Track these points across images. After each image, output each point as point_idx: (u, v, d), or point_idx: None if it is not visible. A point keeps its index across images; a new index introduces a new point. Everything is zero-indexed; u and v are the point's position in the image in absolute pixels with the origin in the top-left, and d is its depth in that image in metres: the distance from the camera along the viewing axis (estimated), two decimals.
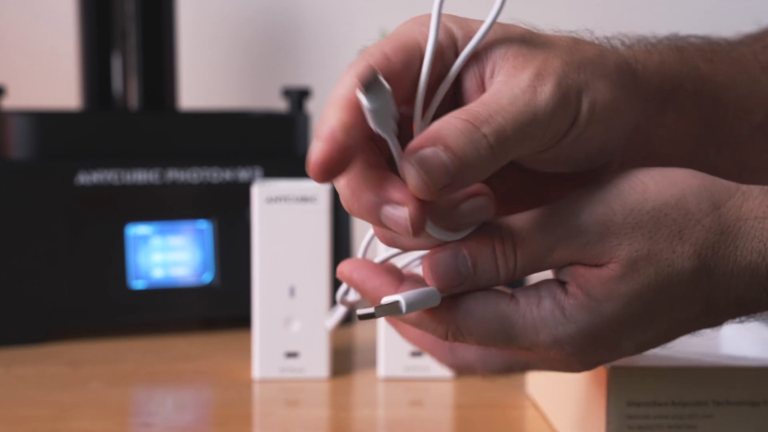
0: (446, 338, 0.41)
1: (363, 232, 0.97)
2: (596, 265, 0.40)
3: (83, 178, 0.79)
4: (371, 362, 0.73)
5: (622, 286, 0.39)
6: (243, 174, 0.83)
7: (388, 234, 0.41)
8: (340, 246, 0.85)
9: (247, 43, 1.13)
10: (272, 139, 0.86)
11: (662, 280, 0.39)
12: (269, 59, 1.13)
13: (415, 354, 0.69)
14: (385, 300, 0.39)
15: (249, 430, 0.61)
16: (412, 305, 0.39)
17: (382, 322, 0.69)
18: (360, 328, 0.86)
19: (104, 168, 0.80)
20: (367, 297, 0.42)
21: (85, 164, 0.79)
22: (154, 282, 0.82)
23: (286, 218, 0.68)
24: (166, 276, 0.82)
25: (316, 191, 0.68)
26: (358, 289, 0.42)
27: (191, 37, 1.07)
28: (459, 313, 0.40)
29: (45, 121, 0.81)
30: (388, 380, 0.69)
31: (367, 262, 0.43)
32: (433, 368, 0.69)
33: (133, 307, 0.81)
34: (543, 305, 0.40)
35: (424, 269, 0.40)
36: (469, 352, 0.45)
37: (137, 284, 0.81)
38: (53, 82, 1.08)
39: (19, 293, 0.78)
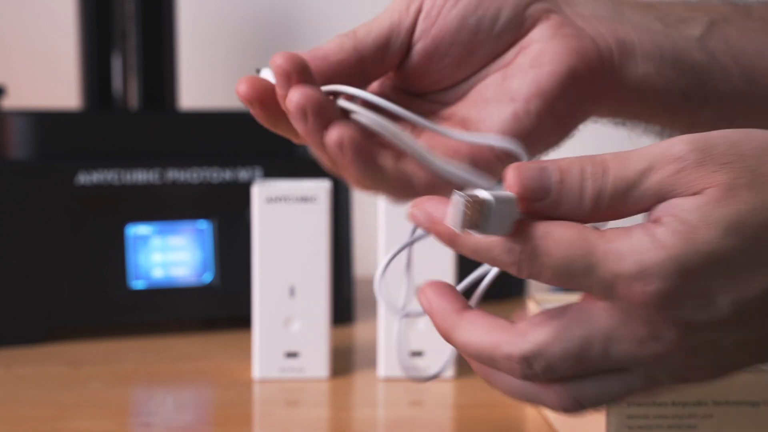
0: (515, 266, 0.37)
1: (363, 232, 0.97)
2: (692, 194, 0.36)
3: (83, 178, 0.79)
4: (371, 362, 0.73)
5: (719, 210, 0.35)
6: (243, 174, 0.83)
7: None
8: (340, 246, 0.85)
9: (247, 43, 1.13)
10: (272, 139, 0.86)
11: (765, 213, 0.35)
12: (269, 59, 1.13)
13: (415, 354, 0.69)
14: (474, 194, 0.36)
15: (249, 430, 0.61)
16: (500, 203, 0.36)
17: (382, 322, 0.69)
18: (360, 328, 0.86)
19: (104, 168, 0.80)
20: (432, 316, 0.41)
21: (85, 164, 0.79)
22: (154, 282, 0.82)
23: (286, 218, 0.68)
24: (166, 276, 0.82)
25: (316, 191, 0.68)
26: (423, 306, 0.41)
27: (191, 37, 1.07)
28: (537, 231, 0.36)
29: (45, 121, 0.81)
30: (388, 380, 0.69)
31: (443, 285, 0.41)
32: (434, 368, 0.69)
33: (133, 307, 0.81)
34: (631, 233, 0.36)
35: (507, 176, 0.37)
36: (541, 332, 0.38)
37: (137, 284, 0.81)
38: (53, 82, 1.08)
39: (19, 293, 0.78)
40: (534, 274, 0.37)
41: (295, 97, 0.42)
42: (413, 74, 0.46)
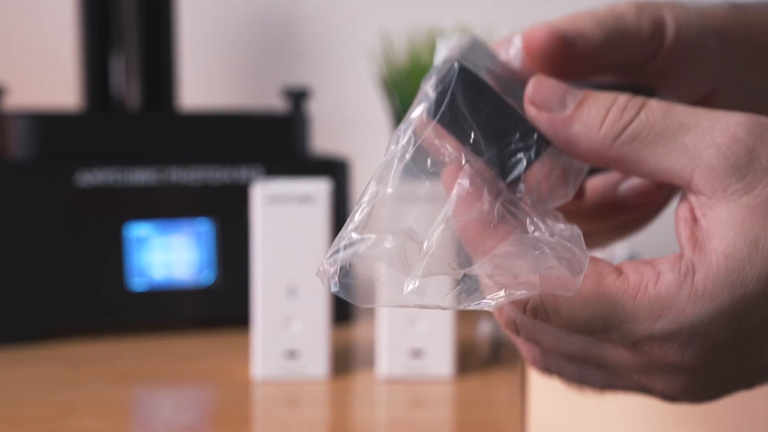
0: (515, 328, 0.33)
1: None
2: (725, 202, 0.31)
3: (83, 179, 0.79)
4: (371, 362, 0.73)
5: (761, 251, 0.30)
6: (243, 174, 0.83)
7: None
8: None
9: (247, 42, 1.13)
10: (272, 139, 0.86)
11: None
12: (269, 59, 1.13)
13: (415, 354, 0.69)
14: None
15: (249, 430, 0.61)
16: None
17: (382, 322, 0.69)
18: (360, 328, 0.86)
19: (104, 168, 0.80)
20: None
21: (85, 164, 0.79)
22: (153, 282, 0.82)
23: (286, 218, 0.68)
24: (166, 276, 0.82)
25: (316, 191, 0.69)
26: None
27: (191, 37, 1.07)
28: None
29: (45, 121, 0.81)
30: (388, 380, 0.69)
31: None
32: (433, 368, 0.69)
33: (133, 307, 0.81)
34: (664, 281, 0.31)
35: (528, 87, 0.34)
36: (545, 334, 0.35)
37: (137, 284, 0.81)
38: (53, 82, 1.08)
39: (19, 293, 0.78)
40: (547, 325, 0.33)
41: None
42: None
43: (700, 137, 0.31)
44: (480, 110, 0.33)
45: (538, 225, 0.33)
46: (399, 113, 0.93)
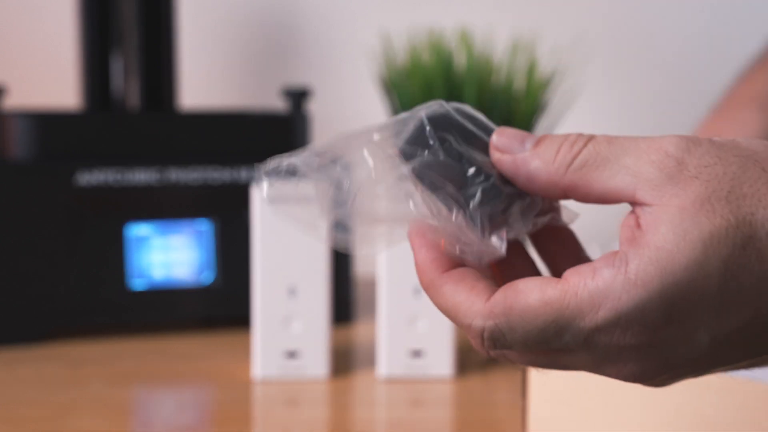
0: (483, 349, 0.37)
1: None
2: (663, 205, 0.35)
3: (83, 179, 0.79)
4: (371, 362, 0.73)
5: (697, 226, 0.34)
6: (243, 174, 0.83)
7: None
8: None
9: (247, 43, 1.13)
10: (272, 139, 0.86)
11: (745, 233, 0.34)
12: (269, 59, 1.13)
13: (415, 354, 0.69)
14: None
15: (249, 430, 0.61)
16: None
17: (382, 322, 0.69)
18: (360, 328, 0.86)
19: (104, 168, 0.80)
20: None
21: (85, 164, 0.79)
22: (154, 282, 0.82)
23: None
24: (166, 276, 0.82)
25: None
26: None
27: (191, 37, 1.07)
28: (496, 307, 0.36)
29: (45, 121, 0.81)
30: (388, 380, 0.69)
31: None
32: (433, 368, 0.69)
33: (133, 307, 0.81)
34: (600, 275, 0.35)
35: (492, 136, 0.38)
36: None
37: (137, 284, 0.81)
38: (53, 82, 1.08)
39: (19, 293, 0.78)
40: (507, 353, 0.37)
41: None
42: None
43: (638, 157, 0.36)
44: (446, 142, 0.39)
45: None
46: (399, 113, 0.93)
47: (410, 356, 0.69)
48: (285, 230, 0.68)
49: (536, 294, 0.35)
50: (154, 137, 0.84)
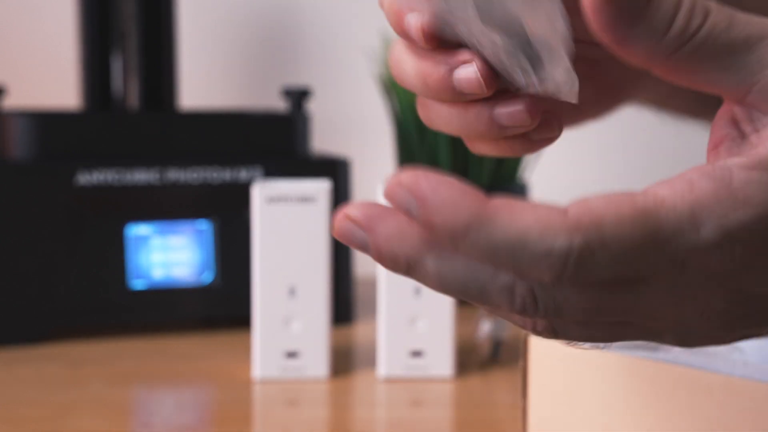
0: (563, 270, 0.29)
1: None
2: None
3: (83, 179, 0.79)
4: (371, 362, 0.73)
5: None
6: (243, 174, 0.83)
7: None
8: (340, 246, 0.85)
9: (247, 43, 1.13)
10: (272, 139, 0.86)
11: None
12: (269, 59, 1.13)
13: (415, 354, 0.69)
14: None
15: (249, 430, 0.61)
16: None
17: (382, 322, 0.69)
18: (360, 328, 0.86)
19: (104, 168, 0.80)
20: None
21: (85, 164, 0.79)
22: (154, 282, 0.82)
23: (286, 218, 0.68)
24: (166, 276, 0.82)
25: (316, 191, 0.69)
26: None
27: (191, 37, 1.07)
28: (583, 218, 0.29)
29: (45, 121, 0.81)
30: (388, 380, 0.69)
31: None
32: (433, 368, 0.69)
33: (133, 307, 0.81)
34: (699, 186, 0.30)
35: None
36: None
37: (137, 284, 0.81)
38: (53, 82, 1.08)
39: (19, 293, 0.78)
40: (590, 274, 0.30)
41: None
42: None
43: (763, 53, 0.30)
44: None
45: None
46: (399, 113, 0.93)
47: (410, 356, 0.69)
48: (285, 230, 0.69)
49: (627, 203, 0.29)
50: (154, 137, 0.84)
